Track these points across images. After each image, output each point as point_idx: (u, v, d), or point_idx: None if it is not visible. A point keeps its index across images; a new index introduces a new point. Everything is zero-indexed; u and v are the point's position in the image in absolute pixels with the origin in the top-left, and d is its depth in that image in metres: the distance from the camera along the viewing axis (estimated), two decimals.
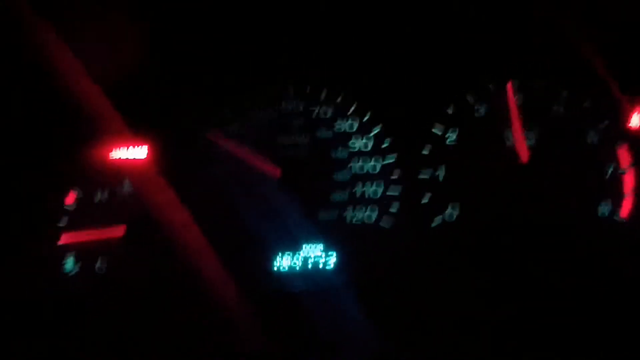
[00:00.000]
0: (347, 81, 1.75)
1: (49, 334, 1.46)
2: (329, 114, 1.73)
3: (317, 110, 1.74)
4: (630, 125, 1.67)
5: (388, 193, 1.68)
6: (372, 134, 1.71)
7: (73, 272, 1.62)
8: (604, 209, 1.64)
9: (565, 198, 1.64)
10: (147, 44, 1.60)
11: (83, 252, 1.62)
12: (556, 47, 1.68)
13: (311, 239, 1.64)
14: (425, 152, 1.69)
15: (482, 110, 1.71)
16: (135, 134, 1.47)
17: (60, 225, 1.64)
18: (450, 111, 1.71)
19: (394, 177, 1.68)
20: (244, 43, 1.70)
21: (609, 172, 1.66)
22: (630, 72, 1.64)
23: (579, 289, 1.51)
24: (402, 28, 1.69)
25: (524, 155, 1.66)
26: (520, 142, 1.66)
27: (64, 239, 1.63)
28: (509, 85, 1.70)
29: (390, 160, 1.70)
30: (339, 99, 1.74)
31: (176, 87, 1.69)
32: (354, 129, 1.72)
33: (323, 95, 1.74)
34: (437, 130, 1.70)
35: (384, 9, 1.63)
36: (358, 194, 1.68)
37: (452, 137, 1.70)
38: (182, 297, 1.47)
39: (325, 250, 1.65)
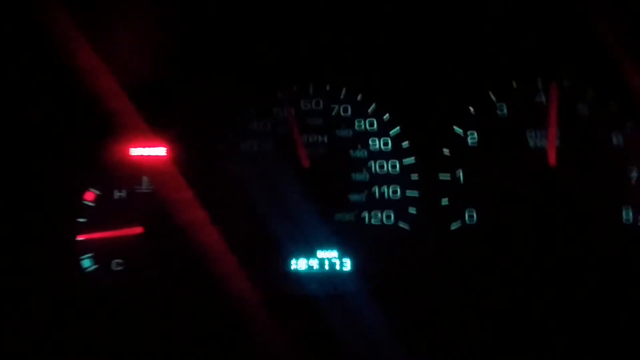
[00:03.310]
0: (366, 80, 1.73)
1: (65, 329, 1.46)
2: (348, 113, 1.72)
3: (336, 109, 1.72)
4: None
5: (407, 194, 1.66)
6: (391, 134, 1.69)
7: (91, 269, 1.62)
8: (629, 214, 1.60)
9: (589, 202, 1.60)
10: (168, 45, 1.60)
11: (101, 250, 1.63)
12: (582, 47, 1.65)
13: (329, 240, 1.63)
14: (445, 152, 1.66)
15: (504, 110, 1.68)
16: (155, 133, 1.47)
17: (79, 221, 1.65)
18: (472, 110, 1.68)
19: (413, 178, 1.66)
20: (264, 43, 1.69)
21: (634, 176, 1.63)
22: None
23: (601, 294, 1.48)
24: (421, 26, 1.66)
25: (552, 157, 1.62)
26: (552, 144, 1.63)
27: (83, 236, 1.63)
28: (553, 85, 1.66)
29: (410, 161, 1.68)
30: (358, 98, 1.72)
31: (197, 87, 1.69)
32: (374, 129, 1.70)
33: (342, 94, 1.73)
34: (458, 131, 1.68)
35: (403, 9, 1.60)
36: (377, 195, 1.66)
37: (473, 137, 1.68)
38: (198, 296, 1.47)
39: (343, 251, 1.63)
